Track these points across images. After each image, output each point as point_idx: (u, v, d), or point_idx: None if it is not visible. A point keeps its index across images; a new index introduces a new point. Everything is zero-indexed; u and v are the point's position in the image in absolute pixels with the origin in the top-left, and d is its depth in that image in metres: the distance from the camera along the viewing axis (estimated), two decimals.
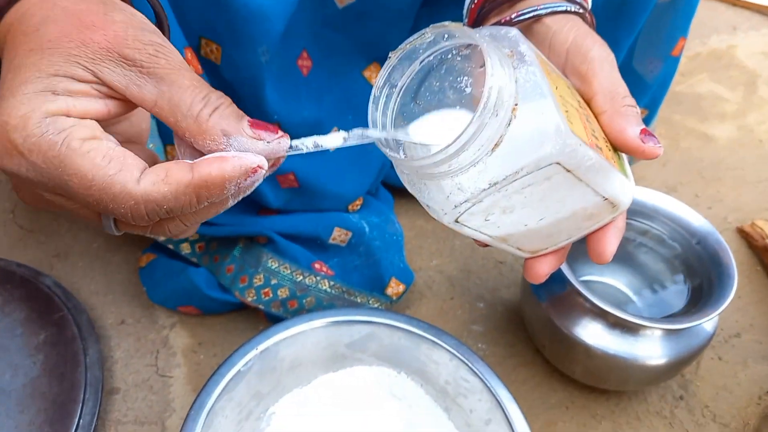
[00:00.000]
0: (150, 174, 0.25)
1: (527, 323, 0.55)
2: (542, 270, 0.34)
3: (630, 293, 0.58)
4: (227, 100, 0.26)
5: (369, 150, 0.55)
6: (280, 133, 0.27)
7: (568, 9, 0.34)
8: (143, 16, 0.27)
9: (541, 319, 0.51)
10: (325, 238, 0.55)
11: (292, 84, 0.47)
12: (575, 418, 0.52)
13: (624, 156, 0.33)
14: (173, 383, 0.52)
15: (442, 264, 0.64)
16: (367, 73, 0.51)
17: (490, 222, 0.30)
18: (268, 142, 0.26)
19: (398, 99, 0.30)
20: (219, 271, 0.53)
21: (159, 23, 0.32)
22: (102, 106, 0.26)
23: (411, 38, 0.29)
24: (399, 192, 0.67)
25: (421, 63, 0.29)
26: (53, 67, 0.24)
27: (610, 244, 0.33)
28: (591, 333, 0.48)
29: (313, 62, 0.48)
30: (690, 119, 0.86)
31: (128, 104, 0.27)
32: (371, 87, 0.53)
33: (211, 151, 0.26)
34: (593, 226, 0.33)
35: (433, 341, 0.47)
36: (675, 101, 0.89)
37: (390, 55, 0.29)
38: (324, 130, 0.52)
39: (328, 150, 0.55)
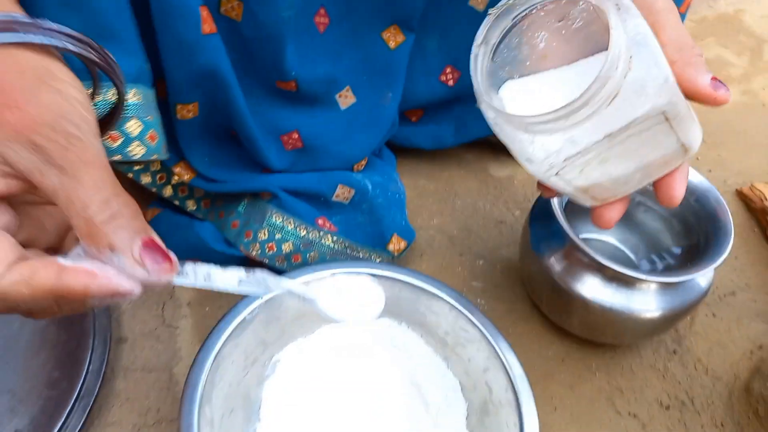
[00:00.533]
0: (15, 272, 0.25)
1: (526, 279, 0.56)
2: (613, 216, 0.36)
3: (627, 251, 0.59)
4: (131, 210, 0.26)
5: (379, 110, 0.55)
6: (168, 265, 0.27)
7: None
8: (78, 99, 0.26)
9: (540, 274, 0.52)
10: (329, 195, 0.56)
11: (308, 41, 0.47)
12: (571, 370, 0.54)
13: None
14: (180, 333, 0.53)
15: (443, 223, 0.65)
16: (386, 35, 0.51)
17: (583, 173, 0.30)
18: (149, 274, 0.26)
19: (488, 59, 0.30)
20: (224, 226, 0.54)
21: (94, 86, 0.31)
22: (1, 184, 0.25)
23: None
24: (402, 152, 0.68)
25: (513, 20, 0.29)
26: None
27: (680, 187, 0.34)
28: (588, 287, 0.49)
29: (330, 20, 0.48)
30: None
31: (31, 186, 0.26)
32: (389, 49, 0.53)
33: (93, 257, 0.25)
34: (664, 172, 0.34)
35: (433, 293, 0.48)
36: None
37: (489, 11, 0.29)
38: (339, 88, 0.52)
39: (336, 109, 0.55)
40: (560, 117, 0.26)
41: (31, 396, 0.45)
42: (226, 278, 0.28)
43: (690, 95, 0.31)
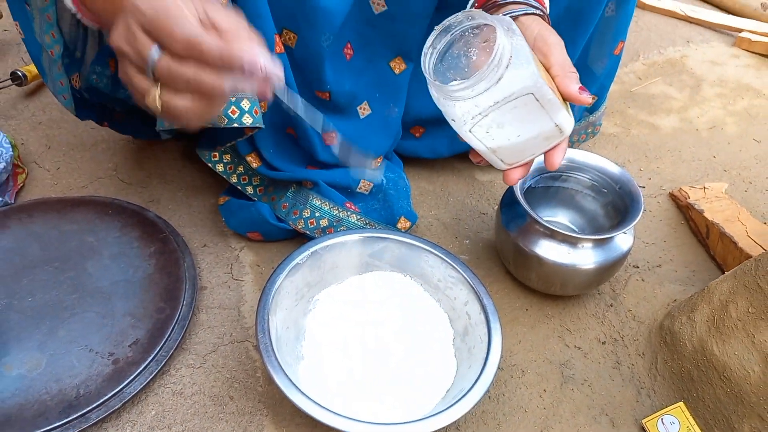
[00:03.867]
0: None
1: (499, 250, 0.75)
2: (516, 176, 0.54)
3: (575, 228, 0.78)
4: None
5: (387, 120, 0.76)
6: (279, 71, 0.39)
7: (535, 12, 0.55)
8: None
9: (508, 243, 0.71)
10: (354, 186, 0.76)
11: (339, 65, 0.68)
12: (532, 317, 0.72)
13: (569, 104, 0.52)
14: (244, 285, 0.72)
15: (438, 214, 0.84)
16: (392, 64, 0.72)
17: (489, 135, 0.49)
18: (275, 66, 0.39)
19: (435, 58, 0.49)
20: (276, 207, 0.74)
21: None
22: None
23: (449, 18, 0.48)
24: (407, 161, 0.88)
25: (451, 35, 0.49)
26: None
27: (558, 157, 0.53)
28: (543, 248, 0.68)
29: (354, 51, 0.69)
30: (641, 113, 1.06)
31: None
32: (394, 74, 0.77)
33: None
34: (549, 146, 0.53)
35: (430, 251, 0.68)
36: (630, 99, 1.09)
37: (435, 28, 0.48)
38: (359, 102, 0.73)
39: (356, 118, 0.78)
40: (467, 87, 0.45)
41: (145, 318, 0.64)
42: (298, 104, 0.44)
43: (565, 96, 0.50)
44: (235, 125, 0.59)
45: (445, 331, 0.66)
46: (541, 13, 0.56)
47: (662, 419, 0.61)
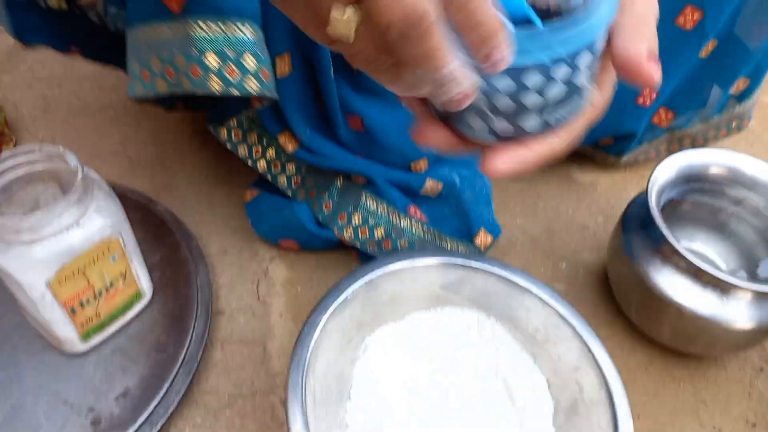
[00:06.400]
0: None
1: (614, 283, 0.56)
2: (503, 166, 0.30)
3: (720, 261, 0.58)
4: None
5: None
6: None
7: None
8: None
9: (631, 278, 0.52)
10: (417, 189, 0.57)
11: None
12: (654, 378, 0.54)
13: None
14: (273, 311, 0.55)
15: (525, 224, 0.66)
16: None
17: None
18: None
19: None
20: (316, 206, 0.56)
21: None
22: None
23: None
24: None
25: None
26: None
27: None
28: (683, 293, 0.49)
29: None
30: None
31: None
32: None
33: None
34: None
35: (526, 288, 0.49)
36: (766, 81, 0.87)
37: None
38: None
39: (397, 103, 0.55)
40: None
41: (140, 358, 0.48)
42: None
43: (623, 61, 0.28)
44: (235, 92, 0.42)
45: (542, 401, 0.48)
46: None
47: None
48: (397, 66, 0.24)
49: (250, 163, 0.55)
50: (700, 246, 0.59)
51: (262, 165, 0.56)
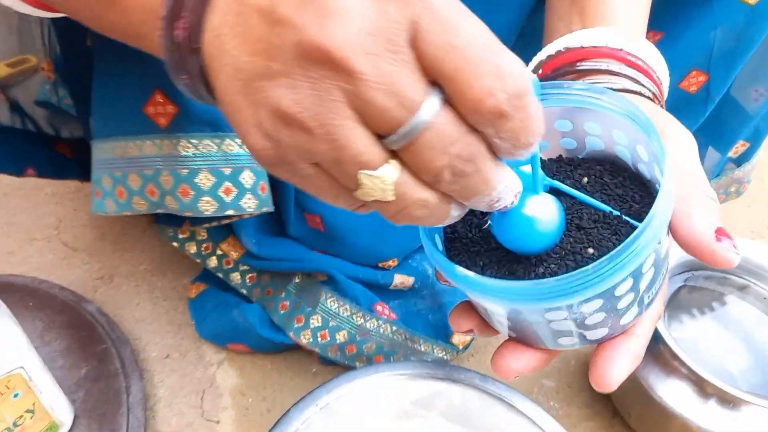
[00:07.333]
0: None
1: None
2: (517, 365, 0.29)
3: (724, 354, 0.52)
4: None
5: None
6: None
7: (641, 93, 0.30)
8: None
9: (629, 384, 0.45)
10: (386, 285, 0.51)
11: None
12: None
13: None
14: (219, 429, 0.48)
15: None
16: None
17: None
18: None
19: None
20: (272, 307, 0.49)
21: None
22: None
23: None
24: None
25: None
26: None
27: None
28: (690, 406, 0.42)
29: None
30: None
31: None
32: None
33: None
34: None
35: (510, 404, 0.42)
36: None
37: None
38: None
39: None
40: None
41: None
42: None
43: (681, 239, 0.25)
44: (230, 212, 0.36)
45: None
46: (651, 95, 0.30)
47: None
48: (445, 198, 0.21)
49: (199, 260, 0.49)
50: (709, 344, 0.52)
51: (212, 262, 0.50)
